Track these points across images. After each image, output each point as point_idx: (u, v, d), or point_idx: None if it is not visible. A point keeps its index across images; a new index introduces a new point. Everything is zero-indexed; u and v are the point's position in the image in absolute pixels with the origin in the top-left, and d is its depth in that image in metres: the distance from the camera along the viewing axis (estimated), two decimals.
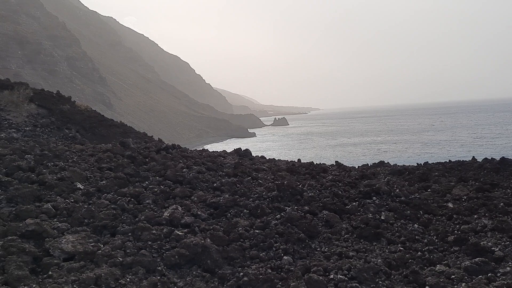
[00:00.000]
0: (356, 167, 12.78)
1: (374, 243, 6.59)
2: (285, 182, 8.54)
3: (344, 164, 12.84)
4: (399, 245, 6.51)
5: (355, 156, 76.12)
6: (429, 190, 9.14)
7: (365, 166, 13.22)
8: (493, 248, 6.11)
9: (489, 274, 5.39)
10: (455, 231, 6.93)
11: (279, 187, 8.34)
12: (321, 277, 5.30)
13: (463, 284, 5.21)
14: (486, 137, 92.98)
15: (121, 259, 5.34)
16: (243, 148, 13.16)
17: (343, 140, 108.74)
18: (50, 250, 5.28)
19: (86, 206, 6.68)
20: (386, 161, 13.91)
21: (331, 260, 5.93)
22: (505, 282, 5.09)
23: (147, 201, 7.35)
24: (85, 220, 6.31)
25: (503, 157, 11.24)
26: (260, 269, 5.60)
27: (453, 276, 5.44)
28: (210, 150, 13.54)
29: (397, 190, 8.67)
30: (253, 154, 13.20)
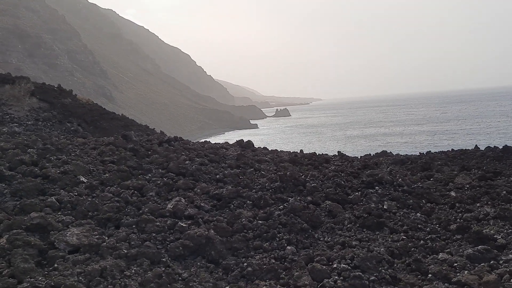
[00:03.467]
0: (359, 157, 12.78)
1: (377, 232, 6.62)
2: (288, 173, 8.55)
3: (346, 154, 12.84)
4: (402, 234, 6.53)
5: (358, 146, 75.91)
6: (431, 179, 9.15)
7: (368, 156, 13.22)
8: (495, 236, 6.12)
9: (491, 262, 5.42)
10: (458, 220, 6.95)
11: (281, 178, 8.36)
12: (324, 267, 5.33)
13: (466, 272, 5.24)
14: (489, 126, 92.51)
15: (125, 251, 5.39)
16: (245, 140, 13.17)
17: (346, 132, 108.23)
18: (55, 243, 5.33)
19: (90, 199, 6.72)
20: (388, 151, 13.90)
21: (334, 250, 5.96)
22: (508, 270, 5.11)
23: (150, 194, 7.38)
24: (89, 213, 6.35)
25: (505, 145, 11.23)
26: (264, 259, 5.64)
27: (455, 264, 5.46)
28: (212, 142, 13.54)
29: (400, 179, 8.68)
30: (255, 146, 13.20)
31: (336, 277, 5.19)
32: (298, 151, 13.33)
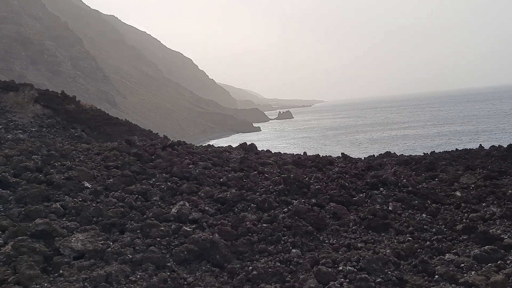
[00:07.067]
0: (362, 159, 12.74)
1: (382, 234, 6.59)
2: (292, 175, 8.53)
3: (350, 156, 12.80)
4: (408, 235, 6.50)
5: (361, 148, 75.56)
6: (436, 179, 9.10)
7: (371, 157, 13.18)
8: (502, 236, 6.08)
9: (498, 262, 5.37)
10: (464, 220, 6.90)
11: (285, 181, 8.34)
12: (330, 269, 5.30)
13: (473, 272, 5.20)
14: (492, 127, 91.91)
15: (130, 256, 5.39)
16: (248, 143, 13.16)
17: (350, 135, 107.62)
18: (60, 249, 5.33)
19: (94, 205, 6.72)
20: (392, 152, 13.85)
21: (340, 252, 5.93)
22: None
23: (154, 198, 7.38)
24: (94, 219, 6.36)
25: (510, 144, 11.16)
26: (269, 262, 5.62)
27: (462, 265, 5.43)
28: (216, 146, 13.55)
29: (404, 180, 8.64)
30: (259, 149, 13.20)
31: (342, 279, 5.16)
32: (301, 153, 13.31)
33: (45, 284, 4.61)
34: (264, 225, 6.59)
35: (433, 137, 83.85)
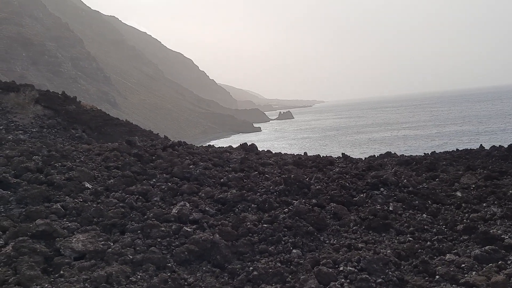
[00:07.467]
0: (363, 159, 12.74)
1: (383, 234, 6.58)
2: (292, 175, 8.53)
3: (350, 156, 12.79)
4: (408, 235, 6.50)
5: (362, 149, 75.44)
6: (437, 179, 9.10)
7: (372, 158, 13.18)
8: (503, 236, 6.07)
9: (499, 262, 5.37)
10: (464, 220, 6.90)
11: (286, 181, 8.34)
12: (330, 270, 5.30)
13: (474, 272, 5.20)
14: (493, 127, 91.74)
15: (131, 257, 5.39)
16: (249, 143, 13.16)
17: (351, 135, 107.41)
18: (61, 250, 5.33)
19: (95, 205, 6.72)
20: (392, 152, 13.84)
21: (340, 252, 5.93)
22: None
23: (155, 199, 7.39)
24: (94, 219, 6.36)
25: (511, 144, 11.15)
26: (270, 263, 5.62)
27: (463, 265, 5.42)
28: (216, 146, 13.55)
29: (405, 180, 8.63)
30: (259, 149, 13.19)
31: (343, 280, 5.16)
32: (302, 153, 13.30)
33: (46, 285, 4.61)
34: (265, 225, 6.59)
35: (434, 137, 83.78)
